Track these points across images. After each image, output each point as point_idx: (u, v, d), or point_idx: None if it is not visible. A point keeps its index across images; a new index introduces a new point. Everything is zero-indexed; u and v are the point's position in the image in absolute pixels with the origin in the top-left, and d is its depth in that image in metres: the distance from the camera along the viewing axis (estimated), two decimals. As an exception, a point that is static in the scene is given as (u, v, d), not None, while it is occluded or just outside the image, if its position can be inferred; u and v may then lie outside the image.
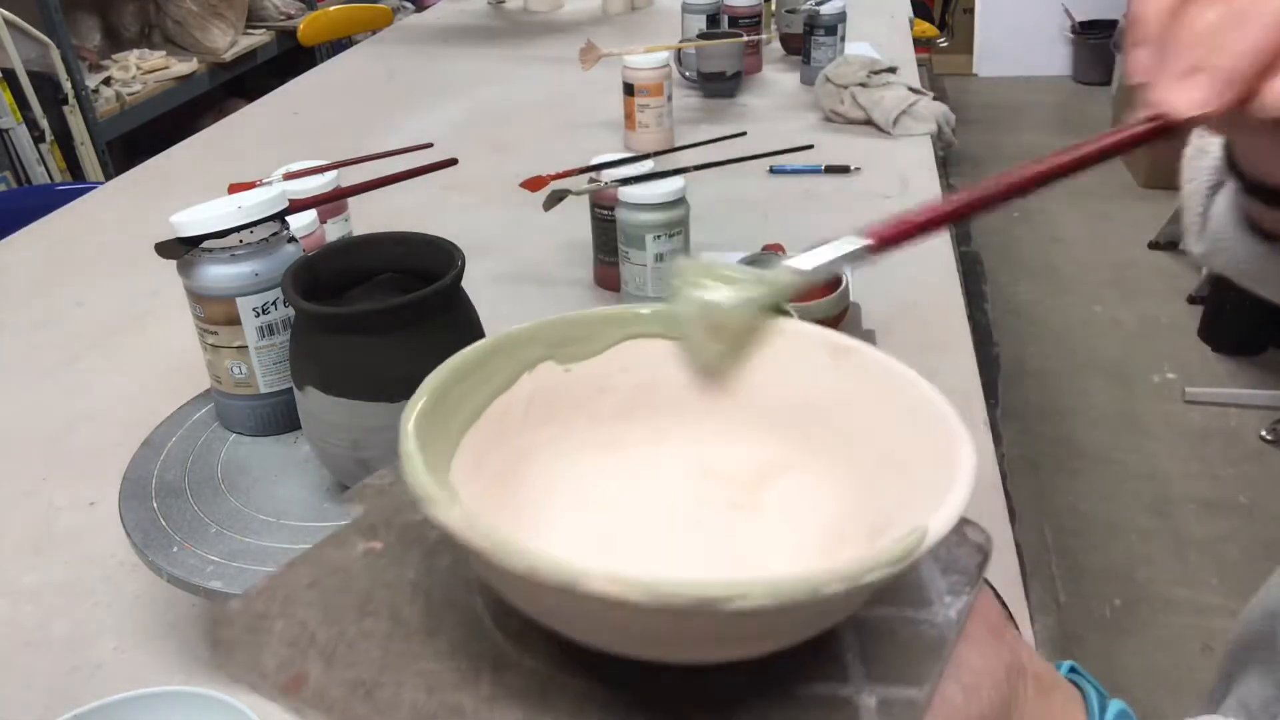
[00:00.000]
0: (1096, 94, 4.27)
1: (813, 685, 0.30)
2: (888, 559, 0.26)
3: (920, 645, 0.32)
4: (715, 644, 0.28)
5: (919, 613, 0.33)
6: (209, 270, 0.66)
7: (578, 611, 0.27)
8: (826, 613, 0.29)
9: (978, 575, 0.35)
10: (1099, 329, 2.57)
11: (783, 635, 0.29)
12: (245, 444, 0.68)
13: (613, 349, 0.38)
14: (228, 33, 2.88)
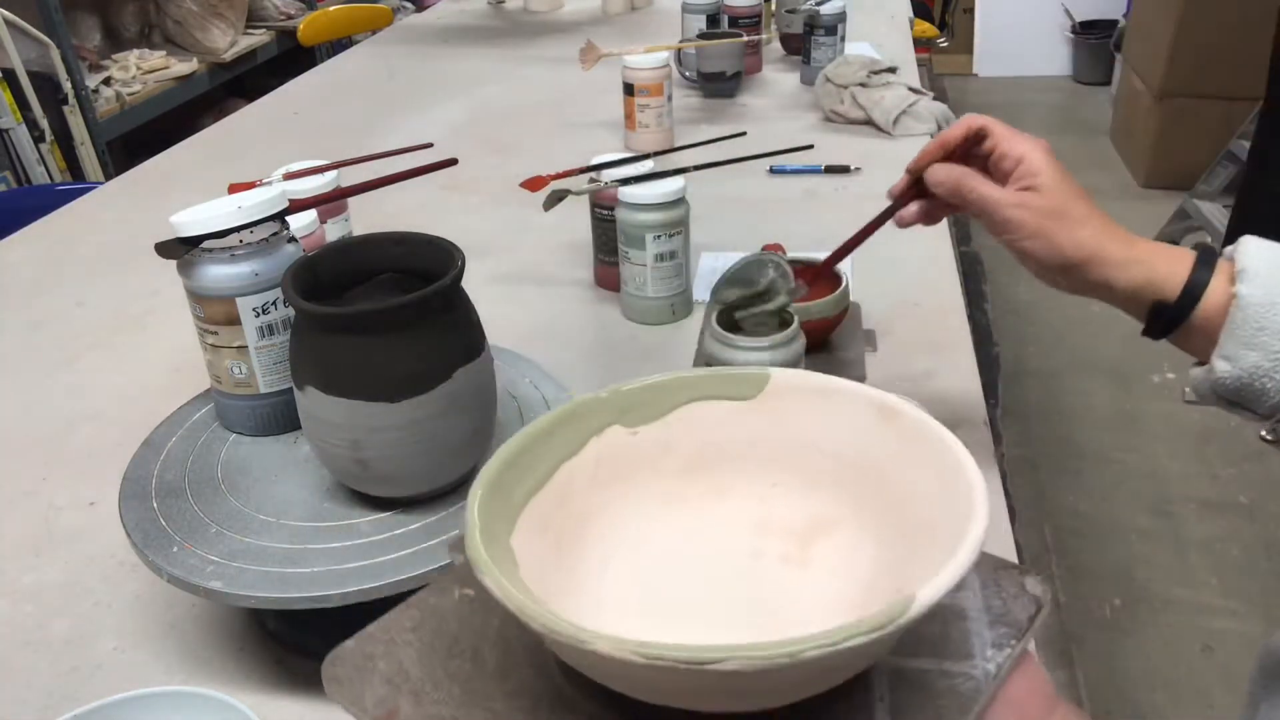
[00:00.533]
0: (1096, 94, 4.27)
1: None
2: (869, 625, 0.28)
3: (953, 698, 0.33)
4: (725, 696, 0.30)
5: (958, 665, 0.34)
6: (209, 270, 0.66)
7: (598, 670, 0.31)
8: (821, 672, 0.30)
9: (1027, 627, 0.35)
10: (1099, 329, 2.56)
11: (784, 692, 0.31)
12: (245, 444, 0.68)
13: (677, 410, 0.41)
14: (228, 33, 2.88)
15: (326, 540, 0.58)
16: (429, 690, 0.34)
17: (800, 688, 0.31)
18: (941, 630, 0.35)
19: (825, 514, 0.40)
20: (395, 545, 0.57)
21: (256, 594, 0.54)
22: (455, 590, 0.38)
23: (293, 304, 0.57)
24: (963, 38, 4.63)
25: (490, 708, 0.33)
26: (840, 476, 0.39)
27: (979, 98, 4.39)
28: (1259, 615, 1.72)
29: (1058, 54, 4.50)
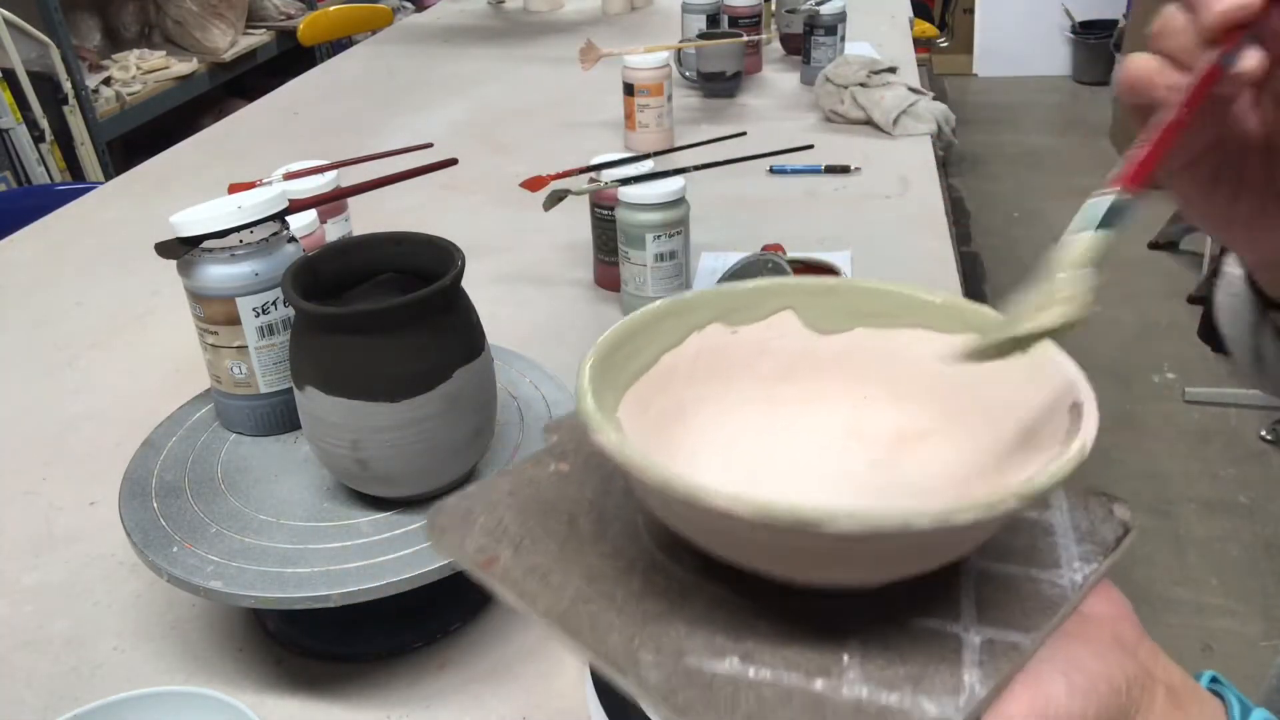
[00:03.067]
0: (1096, 94, 4.27)
1: (925, 620, 0.32)
2: (983, 502, 0.28)
3: (1038, 600, 0.33)
4: (821, 565, 0.31)
5: (1044, 573, 0.34)
6: (209, 270, 0.66)
7: (704, 525, 0.31)
8: (923, 547, 0.31)
9: (1114, 547, 0.36)
10: (1099, 329, 2.57)
11: (881, 567, 0.32)
12: (245, 444, 0.68)
13: (778, 315, 0.42)
14: (228, 33, 2.88)
15: (326, 540, 0.58)
16: (527, 544, 0.36)
17: (898, 563, 0.31)
18: (1029, 541, 0.36)
19: (918, 425, 0.40)
20: (395, 545, 0.57)
21: (256, 594, 0.54)
22: (551, 464, 0.40)
23: (293, 304, 0.57)
24: (963, 38, 4.63)
25: (585, 564, 0.34)
26: (934, 389, 0.39)
27: (979, 98, 4.39)
28: (1259, 615, 1.72)
29: (1058, 54, 4.50)
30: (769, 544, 0.30)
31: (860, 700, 0.29)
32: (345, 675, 0.62)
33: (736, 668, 0.30)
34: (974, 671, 0.30)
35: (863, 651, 0.31)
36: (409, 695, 0.60)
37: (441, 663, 0.62)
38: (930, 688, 0.30)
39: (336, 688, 0.61)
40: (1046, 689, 0.31)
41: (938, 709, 0.29)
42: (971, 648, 0.31)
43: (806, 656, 0.31)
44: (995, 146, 3.80)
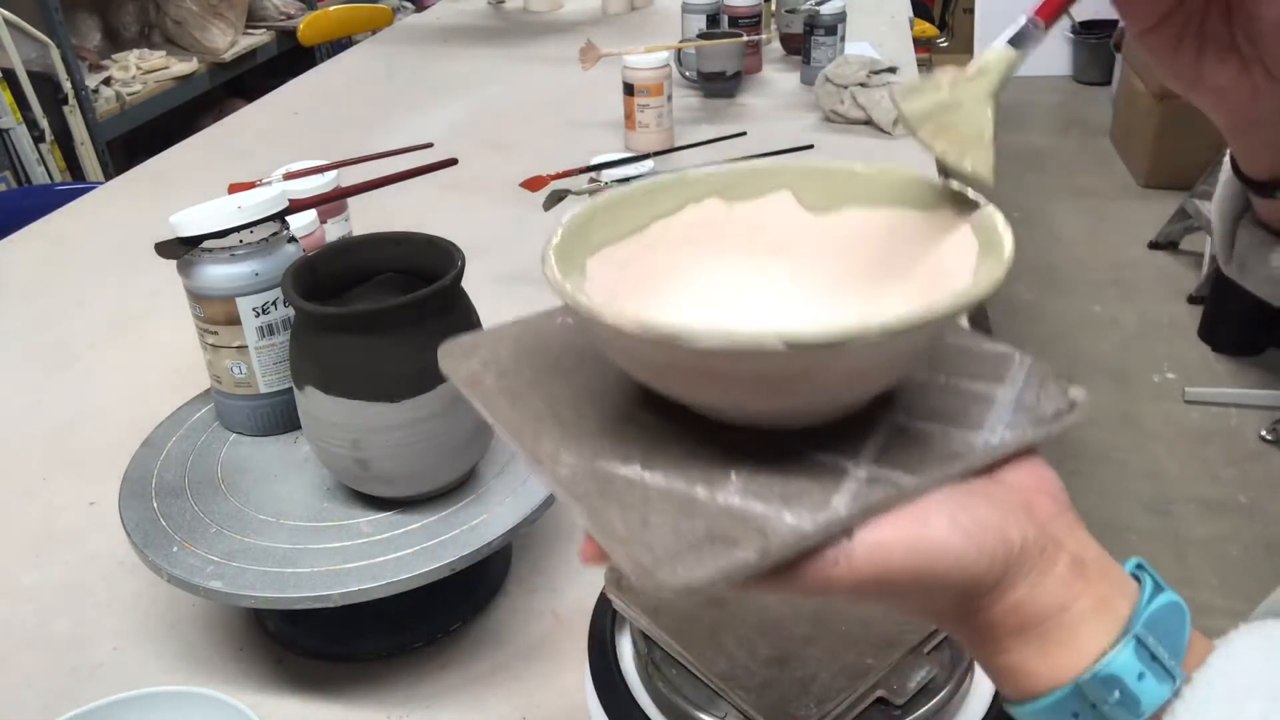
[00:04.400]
0: (1096, 94, 4.27)
1: (822, 454, 0.34)
2: (839, 326, 0.29)
3: (941, 452, 0.34)
4: (719, 390, 0.32)
5: (961, 432, 0.35)
6: (209, 270, 0.66)
7: (615, 346, 0.33)
8: (804, 374, 0.31)
9: (1050, 421, 0.35)
10: (1099, 329, 2.57)
11: (778, 395, 0.32)
12: (245, 444, 0.68)
13: (772, 194, 0.43)
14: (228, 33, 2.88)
15: (326, 540, 0.58)
16: (511, 372, 0.40)
17: (790, 395, 0.32)
18: (961, 407, 0.36)
19: (889, 301, 0.40)
20: (395, 545, 0.57)
21: (256, 594, 0.54)
22: (559, 318, 0.43)
23: (293, 304, 0.57)
24: (963, 38, 4.63)
25: (550, 392, 0.38)
26: (915, 270, 0.40)
27: (979, 98, 4.38)
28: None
29: (1058, 54, 4.50)
30: (664, 364, 0.32)
31: (729, 506, 0.31)
32: (345, 675, 0.62)
33: (636, 473, 0.33)
34: (844, 498, 0.31)
35: (751, 472, 0.33)
36: (409, 695, 0.60)
37: (441, 663, 0.62)
38: (797, 504, 0.31)
39: (336, 688, 0.61)
40: (927, 522, 0.31)
41: (794, 519, 0.30)
42: (855, 479, 0.32)
43: (700, 471, 0.33)
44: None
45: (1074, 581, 0.32)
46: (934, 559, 0.31)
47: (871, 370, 0.33)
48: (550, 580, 0.68)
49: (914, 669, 0.47)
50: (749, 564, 0.29)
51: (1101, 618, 0.32)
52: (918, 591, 0.31)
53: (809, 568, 0.30)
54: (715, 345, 0.29)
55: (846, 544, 0.30)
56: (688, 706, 0.47)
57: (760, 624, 0.49)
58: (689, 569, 0.29)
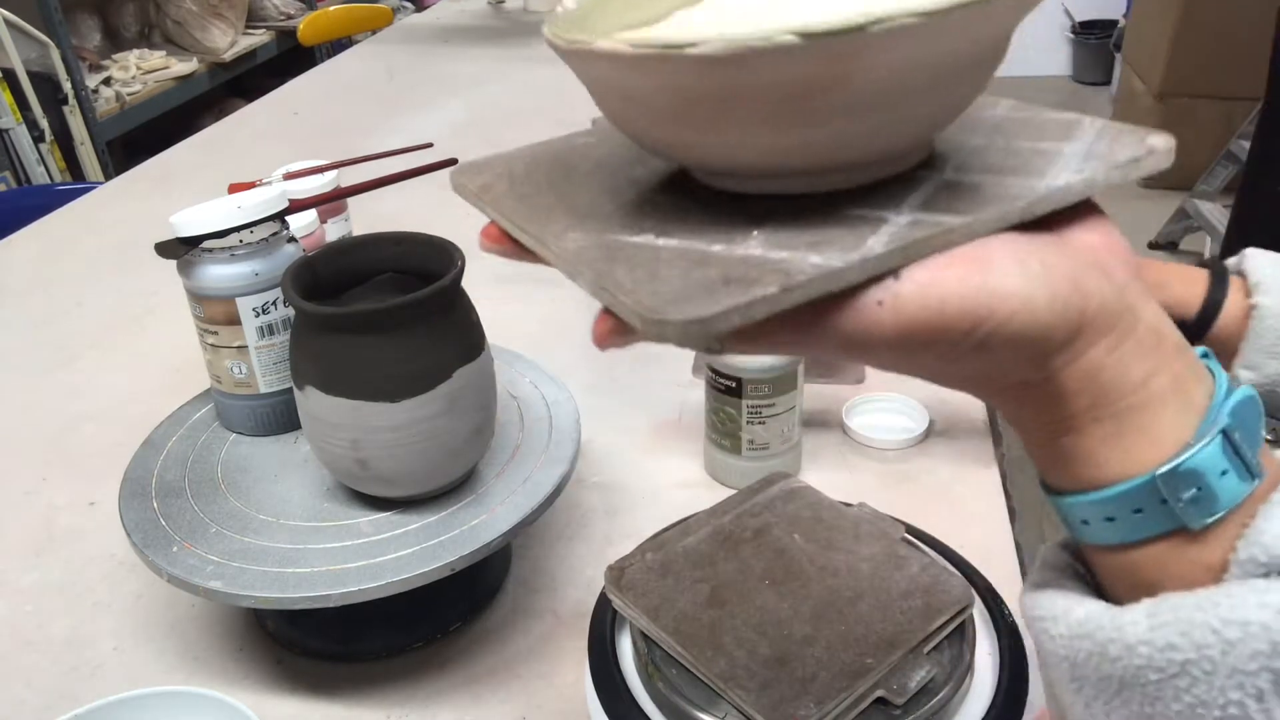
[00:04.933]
0: (1096, 94, 4.27)
1: (860, 209, 0.29)
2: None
3: (996, 193, 0.29)
4: (736, 123, 0.28)
5: (1020, 179, 0.31)
6: (209, 270, 0.66)
7: (612, 87, 0.31)
8: (903, 76, 0.27)
9: (1124, 166, 0.31)
10: (1099, 329, 2.56)
11: (809, 123, 0.28)
12: (245, 444, 0.68)
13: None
14: (228, 33, 2.88)
15: (326, 540, 0.58)
16: (523, 180, 0.37)
17: (857, 118, 0.28)
18: (1021, 161, 0.32)
19: None
20: (395, 545, 0.57)
21: (256, 594, 0.54)
22: (580, 139, 0.41)
23: (293, 304, 0.57)
24: (963, 38, 4.63)
25: (562, 191, 0.35)
26: None
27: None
28: (1259, 615, 1.71)
29: (1058, 54, 4.50)
30: (667, 101, 0.28)
31: (749, 255, 0.27)
32: (345, 675, 0.62)
33: (649, 240, 0.30)
34: (882, 239, 0.27)
35: (776, 228, 0.29)
36: (409, 695, 0.60)
37: (441, 663, 0.62)
38: (827, 248, 0.27)
39: (336, 688, 0.61)
40: (988, 261, 0.27)
41: (821, 259, 0.26)
42: (894, 225, 0.28)
43: (720, 231, 0.29)
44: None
45: (1153, 353, 0.29)
46: (998, 301, 0.26)
47: (914, 81, 0.27)
48: (550, 580, 0.68)
49: (914, 669, 0.47)
50: (768, 298, 0.25)
51: (1181, 401, 0.29)
52: (977, 345, 0.27)
53: (847, 311, 0.26)
54: (717, 50, 0.25)
55: (892, 283, 0.26)
56: (688, 706, 0.47)
57: (760, 624, 0.49)
58: (704, 305, 0.25)
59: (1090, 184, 0.30)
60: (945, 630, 0.49)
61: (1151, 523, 0.29)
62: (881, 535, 0.55)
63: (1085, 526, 0.30)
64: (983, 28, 0.27)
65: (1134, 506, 0.29)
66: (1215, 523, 0.28)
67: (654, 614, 0.50)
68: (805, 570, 0.52)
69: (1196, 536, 0.29)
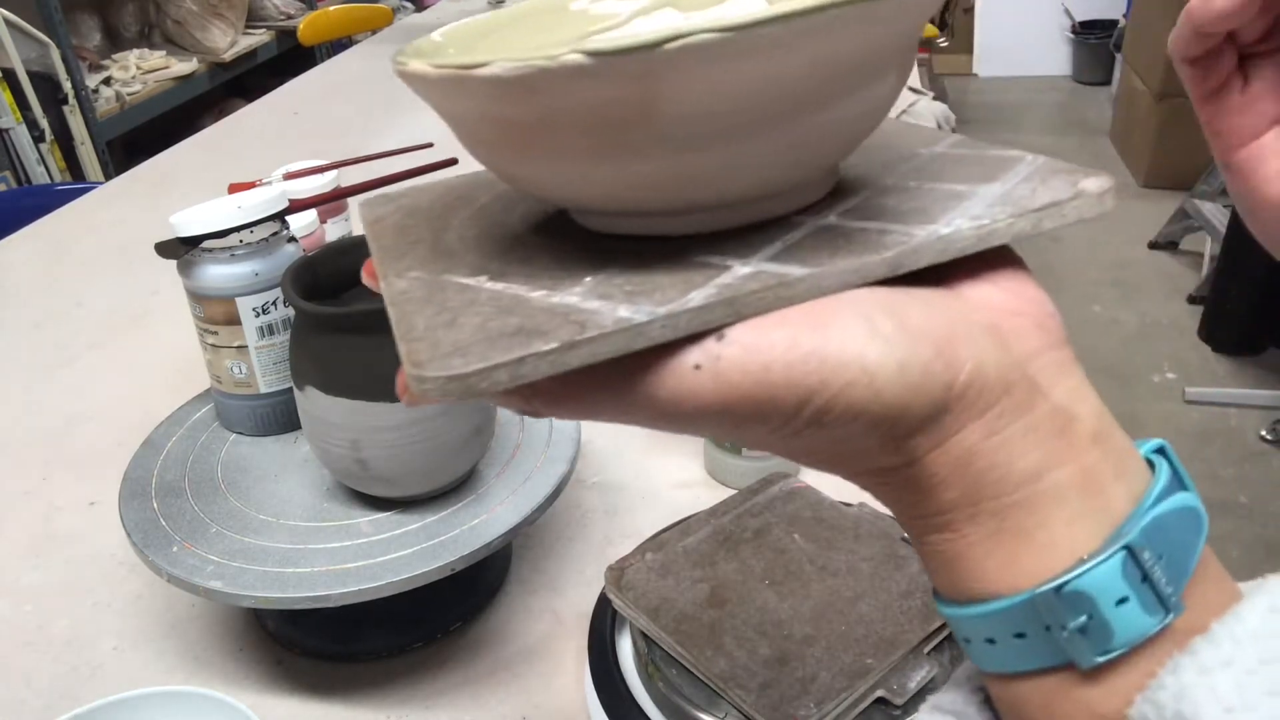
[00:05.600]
0: (1096, 94, 4.27)
1: (708, 256, 0.26)
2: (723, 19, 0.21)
3: (869, 242, 0.25)
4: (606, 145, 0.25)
5: (905, 227, 0.26)
6: (209, 270, 0.66)
7: (448, 112, 0.28)
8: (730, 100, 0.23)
9: (1037, 211, 0.26)
10: (1099, 329, 2.57)
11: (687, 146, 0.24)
12: (245, 444, 0.68)
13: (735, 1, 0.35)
14: (228, 33, 2.88)
15: (326, 540, 0.58)
16: (423, 210, 0.35)
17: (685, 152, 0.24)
18: (923, 205, 0.27)
19: None
20: (395, 545, 0.57)
21: (256, 594, 0.54)
22: None
23: (293, 304, 0.57)
24: (963, 38, 4.63)
25: (451, 224, 0.33)
26: None
27: (979, 98, 4.39)
28: (1259, 615, 1.72)
29: (1058, 54, 4.50)
30: (478, 123, 0.27)
31: (561, 304, 0.25)
32: (345, 675, 0.62)
33: (479, 282, 0.27)
34: (707, 290, 0.24)
35: (612, 274, 0.26)
36: (409, 695, 0.60)
37: (441, 663, 0.62)
38: (644, 299, 0.24)
39: (336, 688, 0.61)
40: (829, 321, 0.23)
41: (629, 311, 0.23)
42: (732, 275, 0.24)
43: (556, 276, 0.27)
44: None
45: (1053, 440, 0.23)
46: (831, 370, 0.22)
47: (740, 110, 0.24)
48: (550, 580, 0.68)
49: (914, 669, 0.47)
50: (546, 355, 0.22)
51: (1087, 503, 0.23)
52: (810, 420, 0.22)
53: (661, 375, 0.23)
54: (502, 72, 0.23)
55: (714, 345, 0.23)
56: (688, 706, 0.47)
57: (760, 624, 0.49)
58: (468, 361, 0.23)
59: (987, 233, 0.25)
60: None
61: (1035, 653, 0.24)
62: (881, 535, 0.55)
63: (968, 645, 0.25)
64: (822, 46, 0.23)
65: (1014, 630, 0.24)
66: (1110, 663, 0.23)
67: (654, 614, 0.50)
68: (805, 570, 0.52)
69: (1090, 677, 0.23)
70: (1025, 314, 0.25)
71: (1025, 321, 0.25)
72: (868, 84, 0.25)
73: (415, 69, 0.26)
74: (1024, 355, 0.24)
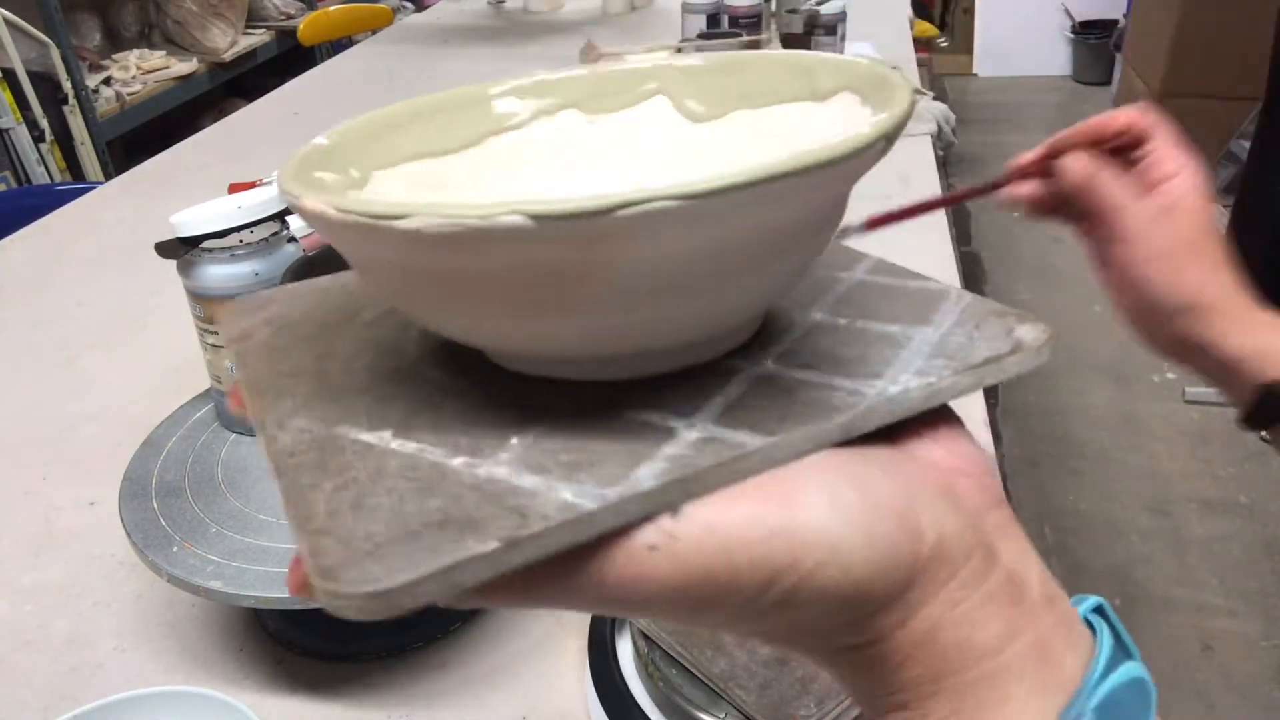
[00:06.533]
0: (1096, 94, 4.27)
1: (647, 413, 0.24)
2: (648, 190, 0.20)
3: (815, 407, 0.24)
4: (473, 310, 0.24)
5: (852, 382, 0.25)
6: (209, 270, 0.66)
7: (350, 252, 0.25)
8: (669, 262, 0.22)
9: (979, 366, 0.26)
10: (1099, 329, 2.57)
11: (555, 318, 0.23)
12: (245, 444, 0.68)
13: (649, 103, 0.34)
14: (228, 33, 2.88)
15: (326, 540, 0.58)
16: (296, 325, 0.32)
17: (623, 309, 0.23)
18: (859, 352, 0.27)
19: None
20: (395, 545, 0.57)
21: (256, 594, 0.54)
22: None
23: (293, 304, 0.57)
24: (963, 38, 4.63)
25: (331, 345, 0.30)
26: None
27: (979, 98, 4.39)
28: (1259, 615, 1.72)
29: (1058, 54, 4.50)
30: (385, 268, 0.24)
31: (490, 478, 0.22)
32: (345, 675, 0.62)
33: (384, 439, 0.24)
34: (658, 465, 0.22)
35: (540, 436, 0.24)
36: (409, 695, 0.60)
37: (441, 663, 0.62)
38: (585, 475, 0.22)
39: (336, 688, 0.61)
40: (791, 496, 0.21)
41: (574, 495, 0.21)
42: (681, 443, 0.23)
43: (475, 436, 0.24)
44: (995, 146, 3.80)
45: (1010, 608, 0.23)
46: (800, 547, 0.21)
47: (693, 269, 0.23)
48: (550, 580, 0.68)
49: (914, 669, 0.47)
50: (485, 558, 0.20)
51: (1043, 677, 0.23)
52: (776, 603, 0.21)
53: (613, 557, 0.21)
54: (428, 227, 0.20)
55: (669, 523, 0.21)
56: (688, 706, 0.47)
57: None
58: (390, 570, 0.19)
59: (933, 393, 0.25)
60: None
61: None
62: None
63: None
64: (779, 207, 0.22)
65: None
66: None
67: None
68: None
69: None
70: (969, 474, 0.25)
71: (971, 482, 0.24)
72: (818, 234, 0.25)
73: (312, 207, 0.22)
74: (972, 514, 0.24)
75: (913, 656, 0.22)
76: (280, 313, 0.33)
